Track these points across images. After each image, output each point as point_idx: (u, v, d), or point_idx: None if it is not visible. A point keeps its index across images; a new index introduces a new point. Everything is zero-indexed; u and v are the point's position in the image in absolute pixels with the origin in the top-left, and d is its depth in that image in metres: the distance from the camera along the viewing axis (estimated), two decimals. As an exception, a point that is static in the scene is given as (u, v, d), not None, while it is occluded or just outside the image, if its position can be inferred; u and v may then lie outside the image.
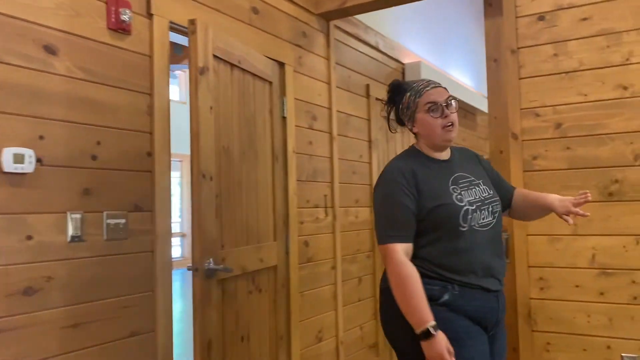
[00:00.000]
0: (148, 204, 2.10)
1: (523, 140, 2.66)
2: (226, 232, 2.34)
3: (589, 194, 1.84)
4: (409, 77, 4.39)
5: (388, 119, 2.01)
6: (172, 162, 2.25)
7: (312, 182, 3.16)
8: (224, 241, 2.31)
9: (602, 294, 2.47)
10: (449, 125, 1.83)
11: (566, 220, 1.86)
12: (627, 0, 2.45)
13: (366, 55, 3.87)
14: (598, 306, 2.48)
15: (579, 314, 2.52)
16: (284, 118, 2.93)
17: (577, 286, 2.53)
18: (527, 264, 2.63)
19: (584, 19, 2.54)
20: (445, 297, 1.76)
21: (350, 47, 3.67)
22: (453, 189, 1.82)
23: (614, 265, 2.45)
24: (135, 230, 2.05)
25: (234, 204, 2.40)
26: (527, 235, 2.63)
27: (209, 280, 2.16)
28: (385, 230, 1.79)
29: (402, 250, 1.75)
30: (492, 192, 1.91)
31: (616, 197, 2.45)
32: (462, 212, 1.77)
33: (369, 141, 3.82)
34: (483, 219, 1.81)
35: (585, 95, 2.53)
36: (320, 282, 3.20)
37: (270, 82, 2.82)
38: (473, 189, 1.86)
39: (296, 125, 3.03)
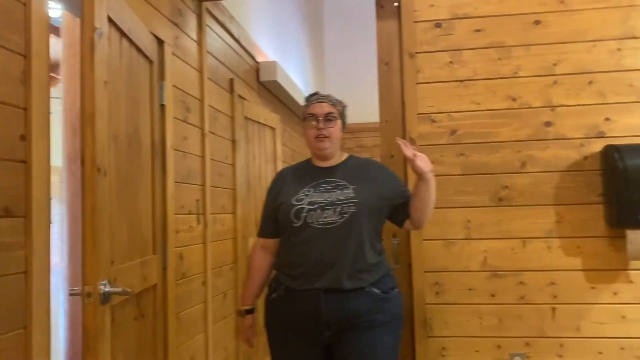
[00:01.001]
0: (21, 206, 1.51)
1: (420, 145, 2.65)
2: (115, 244, 1.82)
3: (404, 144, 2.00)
4: (264, 78, 4.16)
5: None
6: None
7: (186, 185, 2.72)
8: (113, 256, 1.79)
9: (493, 295, 2.57)
10: (321, 137, 2.05)
11: (412, 162, 1.97)
12: (516, 17, 2.61)
13: (230, 47, 3.54)
14: (489, 308, 2.57)
15: (472, 317, 2.58)
16: (162, 106, 2.46)
17: (470, 289, 2.59)
18: (423, 269, 2.61)
19: (478, 30, 2.64)
20: (273, 295, 2.07)
21: (218, 35, 3.31)
22: (305, 191, 2.05)
23: (504, 267, 2.57)
24: (3, 243, 1.44)
25: (121, 207, 1.89)
26: (423, 240, 2.62)
27: (103, 308, 1.64)
28: (260, 224, 2.21)
29: (259, 244, 2.19)
30: (353, 196, 2.00)
31: (506, 202, 2.58)
32: (294, 209, 2.00)
33: (233, 141, 3.48)
34: (325, 217, 1.97)
35: (478, 104, 2.62)
36: (193, 300, 2.76)
37: (152, 62, 2.34)
38: (332, 192, 2.03)
39: (173, 117, 2.57)
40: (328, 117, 2.07)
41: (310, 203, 2.00)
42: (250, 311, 2.17)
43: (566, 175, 2.53)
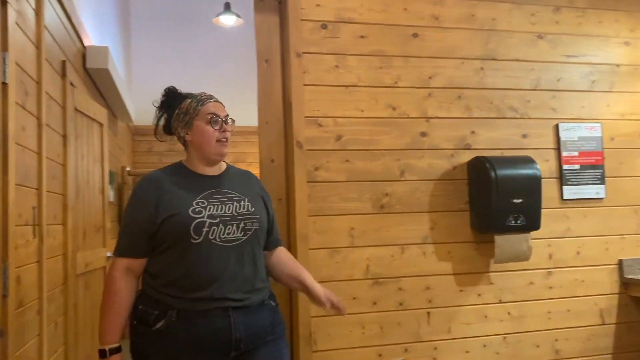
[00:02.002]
0: None
1: (307, 150, 2.51)
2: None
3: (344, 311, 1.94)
4: (91, 64, 3.56)
5: (157, 126, 1.96)
6: None
7: (24, 188, 2.14)
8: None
9: (375, 303, 2.55)
10: (224, 140, 1.87)
11: (321, 304, 1.92)
12: (397, 28, 2.66)
13: (62, 23, 2.94)
14: (371, 316, 2.55)
15: (355, 327, 2.52)
16: (4, 84, 1.89)
17: (354, 298, 2.53)
18: (308, 280, 2.47)
19: (362, 37, 2.62)
20: (160, 324, 1.74)
21: (53, 7, 2.71)
22: (198, 202, 1.81)
23: (385, 274, 2.57)
24: None
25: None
26: (309, 249, 2.48)
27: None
28: (117, 241, 1.84)
29: (122, 266, 1.81)
30: (253, 210, 1.88)
31: (386, 209, 2.59)
32: (195, 224, 1.76)
33: (64, 136, 2.88)
34: (229, 234, 1.80)
35: (362, 110, 2.60)
36: (28, 335, 2.17)
37: (-4, 25, 1.78)
38: (229, 204, 1.85)
39: (15, 101, 1.99)
40: (227, 120, 1.90)
41: (210, 216, 1.79)
42: (118, 349, 1.78)
43: (439, 184, 2.66)
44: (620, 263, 2.85)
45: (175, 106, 1.92)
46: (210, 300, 1.75)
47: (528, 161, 2.59)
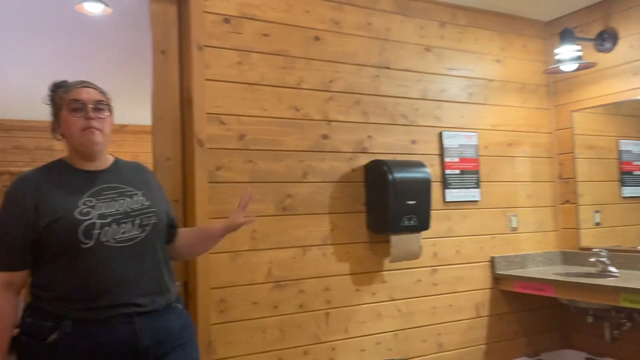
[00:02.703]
0: None
1: (209, 149, 2.39)
2: None
3: (249, 191, 2.00)
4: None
5: (52, 124, 1.78)
6: None
7: None
8: None
9: (275, 307, 2.51)
10: (91, 129, 1.69)
11: (239, 222, 1.97)
12: (299, 30, 2.65)
13: None
14: (272, 320, 2.50)
15: (256, 332, 2.45)
16: None
17: (255, 303, 2.46)
18: (208, 286, 2.35)
19: (265, 35, 2.56)
20: (54, 336, 1.58)
21: None
22: (85, 202, 1.65)
23: (286, 277, 2.54)
24: None
25: None
26: (210, 253, 2.36)
27: None
28: None
29: (3, 279, 1.63)
30: (148, 204, 1.76)
31: (289, 211, 2.56)
32: (83, 226, 1.60)
33: None
34: (123, 233, 1.66)
35: (266, 110, 2.54)
36: None
37: None
38: (120, 201, 1.71)
39: None
40: (98, 106, 1.72)
41: (100, 216, 1.63)
42: None
43: (339, 186, 2.69)
44: (492, 260, 3.13)
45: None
46: (111, 307, 1.60)
47: (420, 165, 2.74)
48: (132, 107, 6.79)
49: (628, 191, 3.41)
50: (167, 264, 1.80)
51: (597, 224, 3.47)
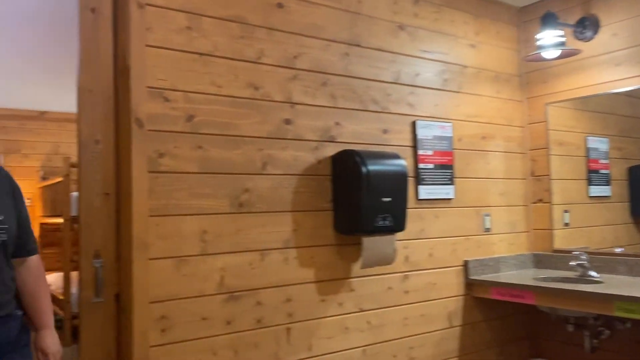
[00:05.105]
0: None
1: (149, 131, 1.94)
2: None
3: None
4: None
5: None
6: None
7: None
8: None
9: (229, 323, 2.09)
10: None
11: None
12: (260, -6, 2.24)
13: None
14: (224, 339, 2.08)
15: (205, 354, 2.03)
16: None
17: (204, 319, 2.03)
18: (147, 299, 1.90)
19: (220, -3, 2.14)
20: None
21: None
22: None
23: (241, 287, 2.13)
24: None
25: None
26: (149, 259, 1.92)
27: None
28: None
29: None
30: (1, 219, 1.65)
31: (246, 208, 2.15)
32: None
33: None
34: None
35: (220, 87, 2.12)
36: None
37: None
38: None
39: None
40: None
41: None
42: None
43: (303, 179, 2.31)
44: (465, 264, 2.85)
45: None
46: None
47: (396, 157, 2.40)
48: (54, 92, 6.09)
49: (594, 190, 3.24)
50: (8, 278, 1.70)
51: (566, 224, 3.28)
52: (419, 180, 2.69)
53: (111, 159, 1.97)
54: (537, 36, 2.82)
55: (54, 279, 6.28)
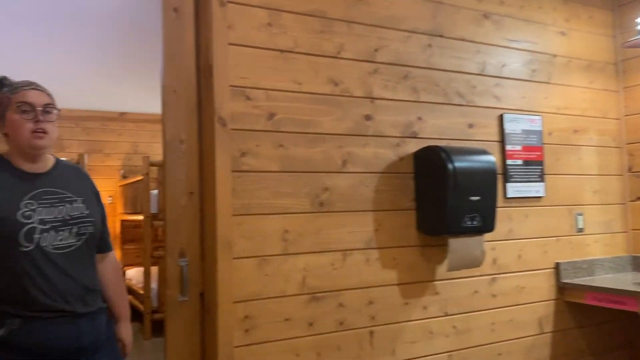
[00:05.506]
0: None
1: (232, 130, 1.92)
2: None
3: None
4: None
5: None
6: None
7: None
8: None
9: (311, 324, 2.04)
10: (40, 132, 1.73)
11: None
12: (340, -13, 2.18)
13: None
14: (307, 341, 2.03)
15: (287, 356, 1.99)
16: None
17: (286, 319, 2.00)
18: (231, 299, 1.89)
19: (300, -9, 2.09)
20: (1, 331, 1.64)
21: None
22: (27, 204, 1.69)
23: (323, 288, 2.08)
24: None
25: None
26: (233, 259, 1.90)
27: None
28: None
29: None
30: (87, 213, 1.81)
31: (326, 207, 2.10)
32: (25, 230, 1.65)
33: None
34: (61, 240, 1.72)
35: (300, 84, 2.07)
36: None
37: None
38: (60, 207, 1.76)
39: None
40: (47, 109, 1.76)
41: (41, 221, 1.69)
42: None
43: (384, 177, 2.23)
44: (557, 266, 2.67)
45: None
46: (52, 310, 1.68)
47: (484, 153, 2.27)
48: (132, 93, 6.33)
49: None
50: (95, 269, 1.86)
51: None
52: (507, 178, 2.54)
53: (195, 158, 1.97)
54: (638, 20, 2.59)
55: (134, 273, 6.55)
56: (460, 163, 2.16)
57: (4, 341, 1.62)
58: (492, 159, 2.27)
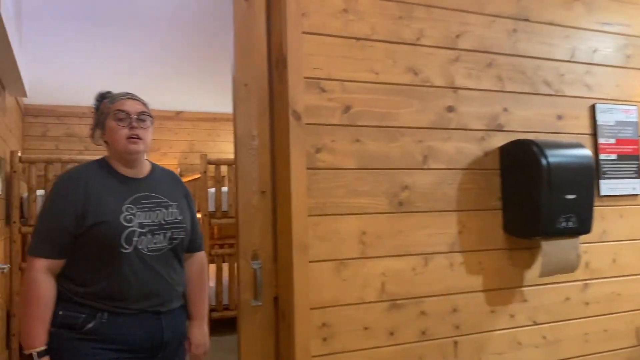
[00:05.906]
0: None
1: (306, 124, 1.80)
2: None
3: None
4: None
5: (93, 131, 1.96)
6: None
7: None
8: None
9: (392, 334, 1.89)
10: (134, 138, 1.84)
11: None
12: (419, -32, 2.01)
13: None
14: (388, 351, 1.89)
15: (367, 367, 1.85)
16: None
17: (366, 328, 1.86)
18: (308, 305, 1.76)
19: (377, -26, 1.94)
20: (90, 325, 1.75)
21: None
22: (128, 208, 1.81)
23: (404, 294, 1.92)
24: None
25: None
26: (310, 262, 1.77)
27: None
28: (35, 241, 1.78)
29: (43, 267, 1.75)
30: (181, 219, 1.94)
31: (406, 207, 1.94)
32: (126, 233, 1.77)
33: None
34: (155, 243, 1.84)
35: (377, 73, 1.92)
36: None
37: None
38: (157, 211, 1.88)
39: None
40: (141, 117, 1.89)
41: (140, 225, 1.82)
42: (46, 352, 1.72)
43: (468, 174, 2.05)
44: (656, 271, 2.42)
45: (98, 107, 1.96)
46: (137, 307, 1.80)
47: (579, 146, 2.06)
48: (188, 93, 6.33)
49: None
50: (182, 270, 1.98)
51: None
52: (600, 174, 2.31)
53: (267, 155, 1.86)
54: None
55: (191, 272, 6.56)
56: (554, 158, 1.95)
57: (92, 332, 1.75)
58: (589, 153, 2.06)
